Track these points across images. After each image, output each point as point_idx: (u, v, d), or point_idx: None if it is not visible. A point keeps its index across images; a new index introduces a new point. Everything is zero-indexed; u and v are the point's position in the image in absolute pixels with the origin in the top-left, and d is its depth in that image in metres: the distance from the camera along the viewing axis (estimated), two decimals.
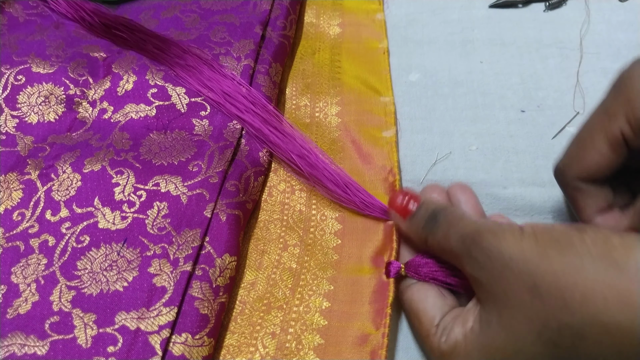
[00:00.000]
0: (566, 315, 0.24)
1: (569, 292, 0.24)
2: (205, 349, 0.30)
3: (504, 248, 0.26)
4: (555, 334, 0.24)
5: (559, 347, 0.24)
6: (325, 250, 0.36)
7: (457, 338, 0.28)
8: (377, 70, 0.49)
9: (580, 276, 0.24)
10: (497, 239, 0.27)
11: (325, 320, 0.33)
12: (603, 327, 0.23)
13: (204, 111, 0.41)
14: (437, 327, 0.30)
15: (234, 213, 0.35)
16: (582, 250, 0.24)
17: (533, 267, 0.25)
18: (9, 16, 0.49)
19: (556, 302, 0.24)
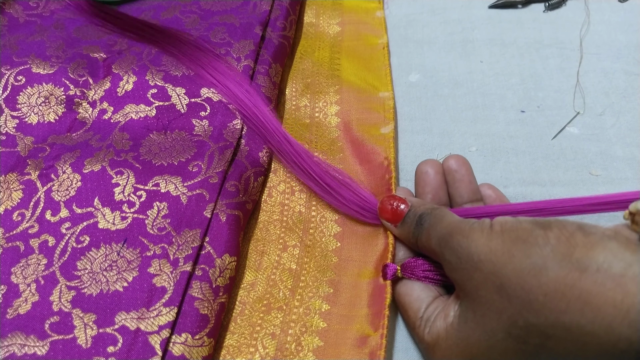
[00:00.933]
0: (531, 315, 0.24)
1: (533, 293, 0.24)
2: (205, 349, 0.30)
3: (472, 249, 0.27)
4: (523, 332, 0.25)
5: (527, 343, 0.25)
6: (324, 253, 0.36)
7: (439, 331, 0.29)
8: (376, 67, 0.49)
9: (543, 277, 0.24)
10: (467, 240, 0.28)
11: (324, 323, 0.33)
12: (565, 328, 0.23)
13: (203, 111, 0.41)
14: (421, 319, 0.31)
15: (234, 213, 0.35)
16: (546, 250, 0.25)
17: (499, 268, 0.26)
18: (9, 17, 0.49)
19: (522, 302, 0.24)
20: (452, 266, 0.28)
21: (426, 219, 0.32)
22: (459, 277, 0.28)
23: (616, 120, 0.45)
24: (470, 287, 0.27)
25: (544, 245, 0.25)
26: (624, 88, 0.47)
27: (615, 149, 0.43)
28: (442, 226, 0.30)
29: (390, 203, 0.34)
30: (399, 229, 0.34)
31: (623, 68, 0.49)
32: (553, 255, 0.24)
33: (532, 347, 0.25)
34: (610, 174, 0.42)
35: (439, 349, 0.29)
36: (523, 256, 0.25)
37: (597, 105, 0.46)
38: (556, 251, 0.24)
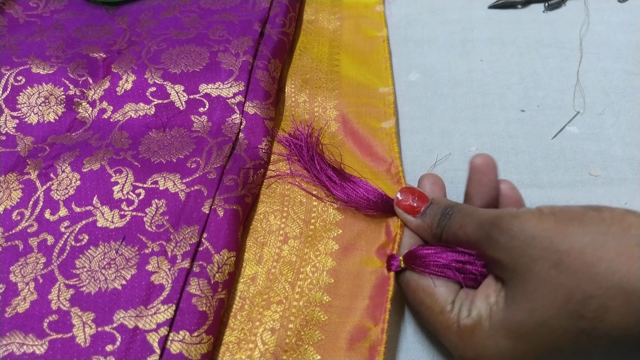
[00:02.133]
0: (592, 287, 0.25)
1: (594, 265, 0.25)
2: (204, 347, 0.30)
3: (526, 228, 0.27)
4: (580, 306, 0.25)
5: (583, 318, 0.25)
6: (325, 241, 0.36)
7: (481, 313, 0.29)
8: (376, 60, 0.49)
9: (603, 251, 0.25)
10: (519, 220, 0.28)
11: (325, 316, 0.33)
12: (626, 295, 0.24)
13: (202, 107, 0.41)
14: (453, 303, 0.30)
15: (233, 208, 0.35)
16: (603, 228, 0.26)
17: (557, 244, 0.26)
18: (9, 17, 0.50)
19: (582, 275, 0.25)
20: (501, 245, 0.28)
21: (454, 211, 0.32)
22: (507, 257, 0.28)
23: (616, 119, 0.45)
24: (522, 265, 0.27)
25: (599, 224, 0.26)
26: (623, 88, 0.47)
27: (615, 148, 0.43)
28: (480, 213, 0.31)
29: (411, 196, 0.35)
30: (419, 221, 0.34)
31: (623, 68, 0.49)
32: (610, 233, 0.25)
33: (587, 323, 0.25)
34: (610, 174, 0.42)
35: (480, 330, 0.29)
36: (581, 233, 0.26)
37: (597, 105, 0.46)
38: (613, 229, 0.25)
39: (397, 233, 0.35)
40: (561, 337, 0.26)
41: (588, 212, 0.27)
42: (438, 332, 0.31)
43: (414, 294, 0.32)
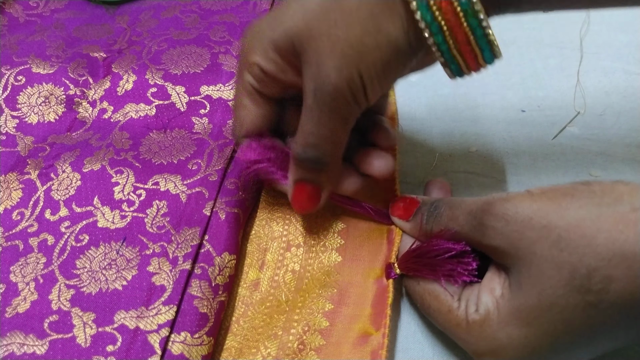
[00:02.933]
0: (594, 260, 0.25)
1: (594, 237, 0.25)
2: (205, 348, 0.30)
3: (520, 210, 0.27)
4: (585, 280, 0.25)
5: (589, 291, 0.25)
6: (329, 252, 0.36)
7: (488, 306, 0.28)
8: None
9: (600, 222, 0.25)
10: (511, 203, 0.28)
11: (327, 322, 0.33)
12: (628, 262, 0.24)
13: (203, 109, 0.41)
14: (460, 301, 0.30)
15: (233, 211, 0.35)
16: (595, 200, 0.26)
17: (555, 221, 0.26)
18: (9, 17, 0.50)
19: (583, 249, 0.25)
20: (497, 231, 0.28)
21: (441, 204, 0.32)
22: (505, 242, 0.28)
23: (616, 120, 0.45)
24: (522, 248, 0.27)
25: (591, 196, 0.26)
26: (624, 88, 0.47)
27: (615, 149, 0.43)
28: (468, 202, 0.30)
29: (403, 200, 0.36)
30: (412, 223, 0.34)
31: (623, 68, 0.49)
32: (604, 203, 0.25)
33: (593, 296, 0.25)
34: (611, 174, 0.42)
35: (489, 324, 0.28)
36: (575, 208, 0.26)
37: (598, 105, 0.46)
38: (606, 199, 0.26)
39: (396, 242, 0.35)
40: (571, 315, 0.26)
41: (578, 187, 0.27)
42: (449, 332, 0.31)
43: (421, 299, 0.32)
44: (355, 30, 0.27)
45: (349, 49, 0.28)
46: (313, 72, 0.29)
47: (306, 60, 0.29)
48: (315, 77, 0.29)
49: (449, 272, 0.31)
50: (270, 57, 0.31)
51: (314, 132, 0.30)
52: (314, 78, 0.29)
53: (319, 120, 0.30)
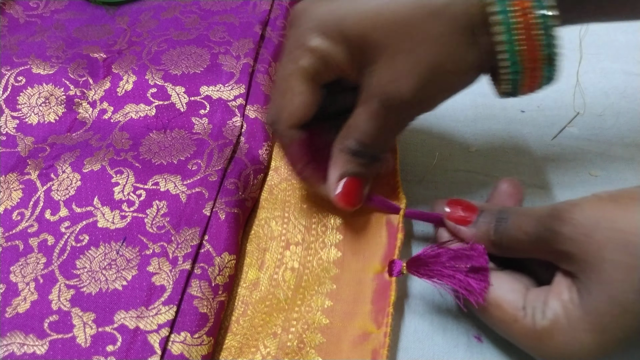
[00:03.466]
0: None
1: None
2: (205, 348, 0.30)
3: (588, 214, 0.27)
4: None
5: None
6: (327, 248, 0.36)
7: (557, 312, 0.28)
8: None
9: None
10: (579, 207, 0.27)
11: (327, 319, 0.33)
12: None
13: (203, 109, 0.41)
14: (525, 309, 0.29)
15: (233, 211, 0.35)
16: None
17: (622, 225, 0.26)
18: (9, 17, 0.50)
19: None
20: (566, 237, 0.27)
21: (508, 215, 0.31)
22: (575, 247, 0.27)
23: (616, 120, 0.45)
24: (592, 253, 0.26)
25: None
26: (623, 88, 0.47)
27: (615, 149, 0.43)
28: (535, 211, 0.30)
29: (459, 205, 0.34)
30: (474, 231, 0.33)
31: (622, 68, 0.49)
32: None
33: None
34: (610, 174, 0.42)
35: (559, 331, 0.28)
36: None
37: (597, 106, 0.46)
38: None
39: (399, 238, 0.35)
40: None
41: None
42: (516, 341, 0.30)
43: (483, 311, 0.31)
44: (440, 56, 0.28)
45: (429, 73, 0.29)
46: (385, 80, 0.29)
47: (379, 65, 0.29)
48: (386, 87, 0.29)
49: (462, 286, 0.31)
50: (336, 46, 0.30)
51: (373, 133, 0.31)
52: (384, 86, 0.29)
53: (380, 124, 0.31)
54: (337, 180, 0.33)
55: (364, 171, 0.33)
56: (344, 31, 0.30)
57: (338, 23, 0.30)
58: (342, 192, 0.33)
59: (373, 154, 0.33)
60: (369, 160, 0.33)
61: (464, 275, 0.31)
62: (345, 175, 0.33)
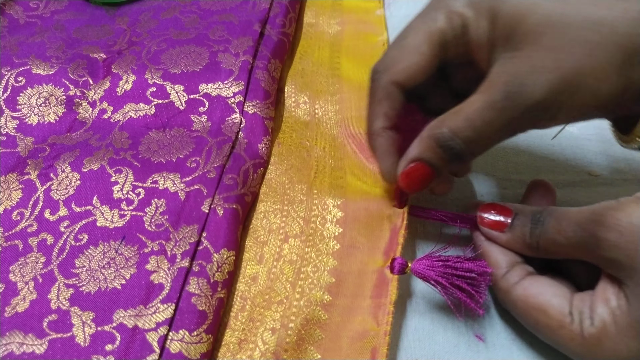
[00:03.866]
0: None
1: None
2: (204, 346, 0.30)
3: (633, 219, 0.26)
4: None
5: None
6: (326, 240, 0.36)
7: (604, 319, 0.27)
8: None
9: None
10: (624, 213, 0.26)
11: (326, 315, 0.33)
12: None
13: (202, 107, 0.41)
14: (571, 315, 0.28)
15: (232, 207, 0.35)
16: None
17: None
18: (9, 18, 0.50)
19: None
20: (611, 243, 0.26)
21: (544, 216, 0.30)
22: (622, 254, 0.26)
23: None
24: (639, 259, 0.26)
25: None
26: None
27: (614, 149, 0.43)
28: (574, 213, 0.29)
29: (492, 211, 0.33)
30: (509, 235, 0.32)
31: None
32: None
33: None
34: (610, 174, 0.42)
35: (607, 337, 0.27)
36: None
37: None
38: None
39: (402, 235, 0.35)
40: None
41: None
42: (561, 347, 0.29)
43: (526, 315, 0.30)
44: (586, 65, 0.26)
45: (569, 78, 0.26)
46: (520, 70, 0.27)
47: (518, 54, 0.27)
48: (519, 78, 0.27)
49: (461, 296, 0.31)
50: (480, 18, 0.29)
51: (479, 126, 0.29)
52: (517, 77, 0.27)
53: (493, 118, 0.28)
54: (409, 160, 0.32)
55: (441, 166, 0.31)
56: (495, 8, 0.28)
57: None
58: (406, 172, 0.32)
59: (461, 151, 0.30)
60: (453, 157, 0.30)
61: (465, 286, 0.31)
62: (420, 160, 0.31)
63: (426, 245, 0.37)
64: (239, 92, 0.42)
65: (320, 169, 0.40)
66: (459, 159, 0.30)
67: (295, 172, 0.40)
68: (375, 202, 0.37)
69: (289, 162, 0.41)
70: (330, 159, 0.41)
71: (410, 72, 0.31)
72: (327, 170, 0.40)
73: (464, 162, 0.31)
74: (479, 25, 0.29)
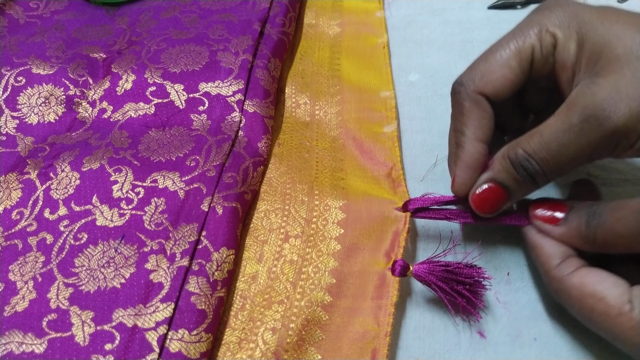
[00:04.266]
0: None
1: None
2: (203, 345, 0.30)
3: None
4: None
5: None
6: (327, 241, 0.36)
7: None
8: (376, 66, 0.49)
9: None
10: None
11: (326, 315, 0.32)
12: None
13: (202, 106, 0.41)
14: (631, 302, 0.28)
15: (232, 205, 0.35)
16: None
17: None
18: (9, 18, 0.50)
19: None
20: None
21: (602, 208, 0.30)
22: None
23: None
24: None
25: None
26: None
27: None
28: (632, 204, 0.28)
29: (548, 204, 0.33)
30: (564, 229, 0.32)
31: None
32: None
33: None
34: (610, 174, 0.41)
35: None
36: None
37: None
38: None
39: (404, 237, 0.34)
40: None
41: None
42: (618, 336, 0.28)
43: (581, 304, 0.30)
44: None
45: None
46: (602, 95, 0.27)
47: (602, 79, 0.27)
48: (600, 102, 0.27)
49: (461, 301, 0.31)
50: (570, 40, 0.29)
51: (554, 149, 0.29)
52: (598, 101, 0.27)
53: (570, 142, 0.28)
54: (484, 182, 0.32)
55: (514, 189, 0.31)
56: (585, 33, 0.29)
57: (582, 22, 0.29)
58: (479, 195, 0.32)
59: (536, 173, 0.30)
60: (528, 180, 0.30)
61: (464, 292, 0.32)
62: (494, 181, 0.31)
63: (427, 246, 0.37)
64: (238, 91, 0.42)
65: (321, 170, 0.40)
66: (533, 182, 0.30)
67: (296, 172, 0.40)
68: (377, 203, 0.37)
69: (290, 163, 0.41)
70: (331, 160, 0.41)
71: (498, 85, 0.31)
72: (328, 171, 0.40)
73: (538, 186, 0.31)
74: (567, 47, 0.30)
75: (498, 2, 0.55)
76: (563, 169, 0.30)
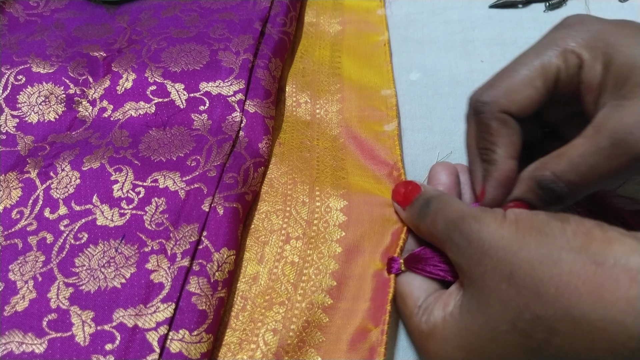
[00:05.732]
0: (539, 308, 0.23)
1: (544, 285, 0.23)
2: (204, 345, 0.30)
3: (484, 234, 0.26)
4: (528, 325, 0.24)
5: (531, 338, 0.24)
6: (328, 243, 0.36)
7: (436, 320, 0.28)
8: (377, 64, 0.49)
9: (556, 268, 0.23)
10: (479, 224, 0.27)
11: (327, 318, 0.33)
12: (574, 322, 0.23)
13: (202, 106, 0.41)
14: (420, 307, 0.30)
15: (232, 206, 0.35)
16: (562, 242, 0.24)
17: (510, 256, 0.25)
18: (9, 16, 0.50)
19: (530, 293, 0.24)
20: (460, 250, 0.27)
21: (433, 203, 0.31)
22: (465, 263, 0.27)
23: None
24: (477, 274, 0.26)
25: (560, 236, 0.24)
26: None
27: None
28: (451, 210, 0.30)
29: (404, 186, 0.35)
30: (407, 212, 0.34)
31: None
32: (569, 247, 0.24)
33: (536, 343, 0.24)
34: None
35: (433, 339, 0.28)
36: (537, 245, 0.24)
37: None
38: (572, 243, 0.24)
39: (402, 237, 0.35)
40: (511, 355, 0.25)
41: (551, 222, 0.25)
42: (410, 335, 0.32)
43: (397, 299, 0.33)
44: None
45: None
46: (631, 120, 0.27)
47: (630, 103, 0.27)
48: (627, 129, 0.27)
49: None
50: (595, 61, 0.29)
51: (582, 171, 0.28)
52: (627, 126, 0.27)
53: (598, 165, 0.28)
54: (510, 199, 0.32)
55: (541, 208, 0.31)
56: (611, 54, 0.29)
57: (607, 43, 0.29)
58: None
59: (563, 194, 0.29)
60: (555, 200, 0.30)
61: None
62: (521, 200, 0.31)
63: None
64: (239, 91, 0.42)
65: (322, 169, 0.40)
66: (559, 202, 0.30)
67: (297, 172, 0.40)
68: (378, 204, 0.37)
69: (291, 162, 0.41)
70: (332, 159, 0.41)
71: (523, 104, 0.31)
72: (329, 170, 0.40)
73: (564, 205, 0.31)
74: (593, 67, 0.29)
75: (499, 1, 0.55)
76: (590, 190, 0.30)
